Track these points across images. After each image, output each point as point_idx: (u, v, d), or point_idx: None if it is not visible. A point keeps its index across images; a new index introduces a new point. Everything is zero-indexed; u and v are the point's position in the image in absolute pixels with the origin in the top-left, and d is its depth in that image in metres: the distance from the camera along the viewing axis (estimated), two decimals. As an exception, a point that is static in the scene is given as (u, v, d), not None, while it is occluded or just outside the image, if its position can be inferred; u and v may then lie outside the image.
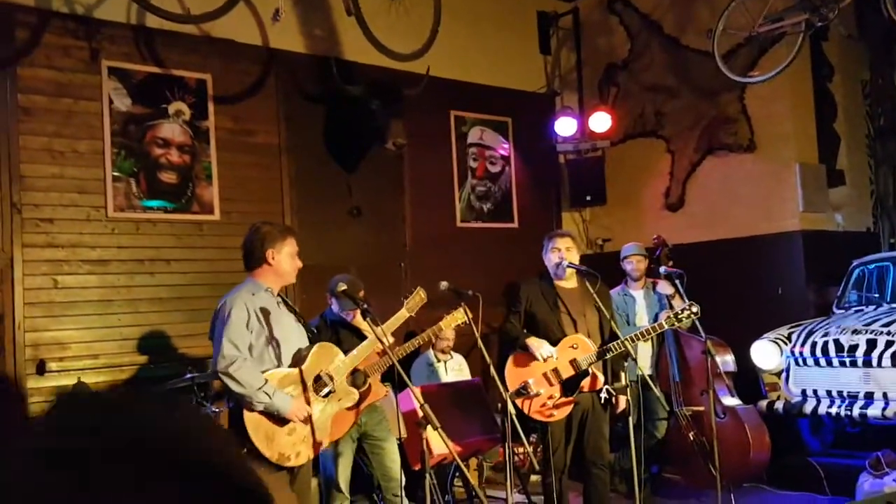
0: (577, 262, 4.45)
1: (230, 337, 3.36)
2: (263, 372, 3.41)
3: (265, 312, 3.46)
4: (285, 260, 3.54)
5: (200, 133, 5.84)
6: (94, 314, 5.31)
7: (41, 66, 5.22)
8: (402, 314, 4.02)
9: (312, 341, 3.67)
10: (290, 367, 3.52)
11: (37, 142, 5.18)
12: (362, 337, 4.25)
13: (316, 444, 3.50)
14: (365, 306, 3.51)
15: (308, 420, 3.43)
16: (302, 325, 3.70)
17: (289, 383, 3.47)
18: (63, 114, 5.28)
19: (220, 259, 5.79)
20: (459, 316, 4.18)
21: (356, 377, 3.83)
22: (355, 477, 4.50)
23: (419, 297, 4.09)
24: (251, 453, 3.33)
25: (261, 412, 3.35)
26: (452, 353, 5.91)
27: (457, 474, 5.45)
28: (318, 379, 3.55)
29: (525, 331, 4.44)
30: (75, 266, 5.26)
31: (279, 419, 3.37)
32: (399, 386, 4.64)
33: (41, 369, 5.02)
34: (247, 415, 3.32)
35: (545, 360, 4.26)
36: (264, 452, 3.32)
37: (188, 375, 4.73)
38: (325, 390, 3.56)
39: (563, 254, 4.44)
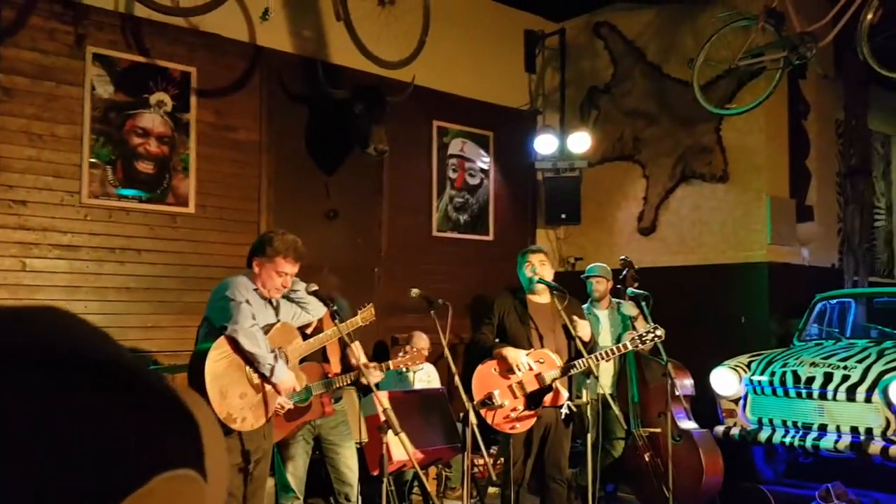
0: (549, 277, 4.50)
1: (249, 311, 3.57)
2: None
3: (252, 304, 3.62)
4: (267, 274, 3.67)
5: (181, 125, 5.83)
6: (61, 299, 5.26)
7: (25, 47, 5.19)
8: (356, 321, 4.17)
9: None
10: None
11: (15, 123, 5.14)
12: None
13: (265, 413, 3.59)
14: (335, 308, 3.53)
15: (261, 389, 3.53)
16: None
17: None
18: (44, 97, 5.24)
19: (192, 252, 5.78)
20: (418, 357, 4.53)
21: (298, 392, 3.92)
22: (312, 479, 4.49)
23: (370, 312, 4.24)
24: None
25: (257, 372, 3.51)
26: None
27: (415, 483, 5.47)
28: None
29: (497, 341, 4.48)
30: (45, 250, 5.22)
31: (236, 380, 3.44)
32: (363, 390, 4.65)
33: (3, 352, 4.96)
34: (208, 366, 3.42)
35: (522, 370, 4.29)
36: (215, 407, 3.38)
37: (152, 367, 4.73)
38: None
39: (535, 268, 4.49)
